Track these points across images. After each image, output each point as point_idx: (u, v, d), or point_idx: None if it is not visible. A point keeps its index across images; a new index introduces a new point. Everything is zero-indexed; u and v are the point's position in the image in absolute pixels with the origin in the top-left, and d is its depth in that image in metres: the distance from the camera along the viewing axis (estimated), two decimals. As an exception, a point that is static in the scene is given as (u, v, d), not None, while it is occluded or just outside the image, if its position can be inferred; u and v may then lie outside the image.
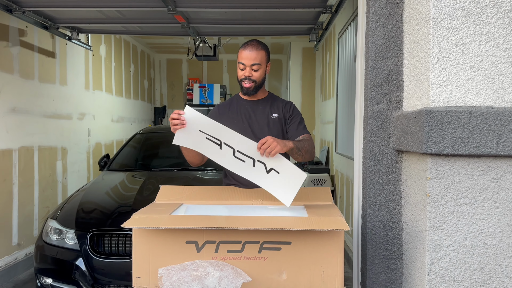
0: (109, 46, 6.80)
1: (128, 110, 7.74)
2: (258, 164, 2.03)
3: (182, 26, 4.41)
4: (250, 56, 2.22)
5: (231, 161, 2.04)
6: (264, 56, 2.27)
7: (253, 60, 2.22)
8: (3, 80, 4.12)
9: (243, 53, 2.24)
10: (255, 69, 2.24)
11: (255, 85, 2.28)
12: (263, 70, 2.28)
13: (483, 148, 1.71)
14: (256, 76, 2.26)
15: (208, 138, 2.02)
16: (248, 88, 2.28)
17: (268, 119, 2.35)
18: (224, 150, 2.03)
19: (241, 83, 2.29)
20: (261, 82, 2.31)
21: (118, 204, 3.53)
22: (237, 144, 2.02)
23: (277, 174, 2.03)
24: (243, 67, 2.24)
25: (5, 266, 4.14)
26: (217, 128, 2.01)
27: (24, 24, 4.42)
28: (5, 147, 4.18)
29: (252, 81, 2.26)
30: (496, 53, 1.75)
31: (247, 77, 2.25)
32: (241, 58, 2.25)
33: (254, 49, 2.23)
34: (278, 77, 9.26)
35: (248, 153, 2.02)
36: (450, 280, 1.80)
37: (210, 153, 2.06)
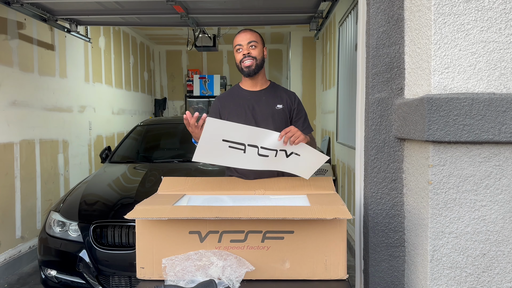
0: (108, 38, 6.77)
1: (128, 102, 7.73)
2: (280, 153, 2.05)
3: (181, 17, 4.38)
4: (245, 37, 2.26)
5: (255, 161, 2.04)
6: (259, 37, 2.31)
7: (249, 39, 2.26)
8: (2, 73, 4.11)
9: (238, 37, 2.28)
10: (253, 45, 2.26)
11: (256, 63, 2.27)
12: (260, 49, 2.29)
13: (485, 135, 1.71)
14: (255, 53, 2.26)
15: (232, 147, 1.98)
16: (249, 67, 2.27)
17: (272, 110, 2.34)
18: (248, 153, 2.01)
19: (241, 65, 2.28)
20: (261, 60, 2.30)
21: (120, 196, 3.55)
22: (261, 140, 2.00)
23: (298, 157, 2.07)
24: (240, 47, 2.26)
25: (9, 259, 4.17)
26: (240, 131, 1.98)
27: (22, 16, 4.40)
28: (6, 140, 4.18)
29: (252, 58, 2.26)
30: (498, 39, 1.74)
31: (247, 55, 2.25)
32: (237, 41, 2.28)
33: (248, 31, 2.30)
34: (278, 67, 9.22)
35: (271, 146, 2.01)
36: (453, 267, 1.81)
37: (233, 162, 2.04)
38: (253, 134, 1.99)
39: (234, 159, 2.02)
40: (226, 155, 2.00)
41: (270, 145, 2.02)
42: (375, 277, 2.14)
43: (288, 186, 2.22)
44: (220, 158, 2.02)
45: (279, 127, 2.33)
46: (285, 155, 2.06)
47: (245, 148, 2.00)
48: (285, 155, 2.06)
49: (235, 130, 1.97)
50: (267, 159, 2.04)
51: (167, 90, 9.56)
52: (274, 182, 2.27)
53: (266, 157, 2.03)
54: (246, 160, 2.03)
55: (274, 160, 2.06)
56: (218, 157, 2.02)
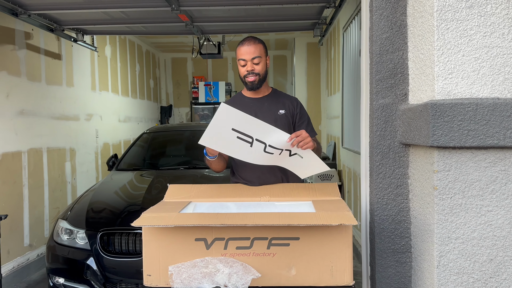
0: (114, 46, 6.84)
1: (134, 110, 7.79)
2: (284, 152, 2.06)
3: (186, 25, 4.42)
4: (249, 51, 2.25)
5: (259, 157, 2.05)
6: (263, 49, 2.30)
7: (252, 54, 2.25)
8: (11, 83, 4.17)
9: (242, 49, 2.27)
10: (256, 62, 2.26)
11: (259, 78, 2.30)
12: (264, 63, 2.30)
13: (490, 139, 1.71)
14: (258, 69, 2.28)
15: (239, 137, 1.98)
16: (252, 82, 2.29)
17: (275, 115, 2.36)
18: (255, 147, 2.01)
19: (245, 79, 2.30)
20: (264, 74, 2.33)
21: (127, 203, 3.56)
22: (270, 138, 2.00)
23: (300, 158, 2.09)
24: (244, 63, 2.27)
25: (18, 267, 4.20)
26: (252, 123, 1.97)
27: (30, 27, 4.46)
28: (14, 149, 4.23)
29: (255, 75, 2.28)
30: (502, 44, 1.74)
31: (250, 72, 2.26)
32: (241, 55, 2.27)
33: (251, 43, 2.26)
34: (283, 73, 9.25)
35: (279, 145, 2.02)
36: (460, 273, 1.80)
37: (238, 153, 2.05)
38: (264, 130, 1.98)
39: (239, 151, 2.02)
40: (232, 145, 2.00)
41: (278, 144, 2.02)
42: (382, 283, 2.13)
43: (294, 193, 2.22)
44: (225, 147, 2.02)
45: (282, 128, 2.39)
46: (288, 154, 2.08)
47: (253, 142, 1.99)
48: (288, 154, 2.08)
49: (246, 122, 1.95)
50: (271, 156, 2.06)
51: (172, 97, 9.61)
52: (279, 189, 2.27)
53: (271, 154, 2.05)
54: (251, 154, 2.03)
55: (277, 157, 2.09)
56: (224, 146, 2.02)
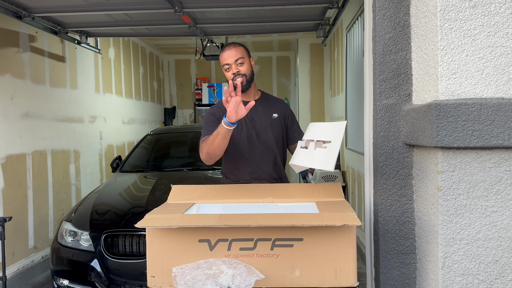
0: (118, 48, 6.86)
1: (138, 112, 7.80)
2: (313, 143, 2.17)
3: (189, 27, 4.43)
4: (231, 54, 2.31)
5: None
6: (244, 51, 2.36)
7: (234, 56, 2.31)
8: (15, 85, 4.19)
9: (224, 55, 2.34)
10: (240, 62, 2.32)
11: (246, 79, 2.34)
12: (248, 64, 2.35)
13: (495, 140, 1.70)
14: (243, 69, 2.33)
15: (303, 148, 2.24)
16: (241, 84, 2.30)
17: (270, 119, 2.43)
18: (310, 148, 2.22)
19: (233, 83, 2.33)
20: (250, 75, 2.37)
21: (131, 205, 3.57)
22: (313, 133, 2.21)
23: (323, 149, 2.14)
24: (229, 67, 2.33)
25: (23, 269, 4.22)
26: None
27: (33, 29, 4.48)
28: (19, 151, 4.25)
29: (242, 75, 2.32)
30: (506, 43, 1.73)
31: (236, 74, 2.31)
32: (224, 60, 2.33)
33: (232, 47, 2.34)
34: (286, 74, 9.24)
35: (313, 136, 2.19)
36: (465, 274, 1.79)
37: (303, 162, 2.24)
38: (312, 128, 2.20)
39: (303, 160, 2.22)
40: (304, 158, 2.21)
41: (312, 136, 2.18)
42: (386, 284, 2.12)
43: (297, 194, 2.22)
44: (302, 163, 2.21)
45: (277, 135, 2.47)
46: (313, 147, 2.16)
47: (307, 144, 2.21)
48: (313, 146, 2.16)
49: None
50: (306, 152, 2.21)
51: (176, 99, 9.63)
52: (282, 190, 2.27)
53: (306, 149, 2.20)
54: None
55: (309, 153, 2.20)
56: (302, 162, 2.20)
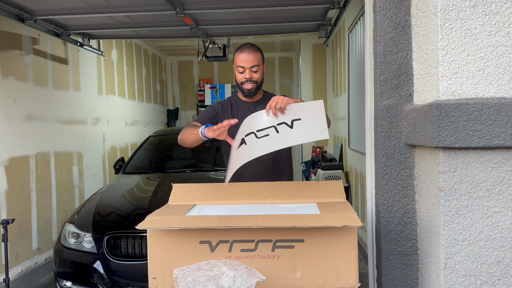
0: (120, 50, 6.88)
1: (141, 113, 7.82)
2: (281, 127, 2.00)
3: (191, 28, 4.44)
4: (249, 59, 2.30)
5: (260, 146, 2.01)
6: (261, 58, 2.36)
7: (252, 62, 2.30)
8: (18, 88, 4.21)
9: (241, 56, 2.31)
10: (255, 70, 2.32)
11: (256, 86, 2.35)
12: (261, 71, 2.36)
13: (496, 140, 1.69)
14: (256, 77, 2.33)
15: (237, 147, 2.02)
16: (250, 90, 2.35)
17: None
18: (249, 142, 2.01)
19: (242, 86, 2.36)
20: (261, 82, 2.38)
21: (133, 206, 3.58)
22: (253, 124, 1.99)
23: (300, 121, 2.00)
24: (243, 70, 2.32)
25: (26, 270, 4.23)
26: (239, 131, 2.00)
27: (36, 32, 4.50)
28: (22, 154, 4.26)
29: (253, 82, 2.33)
30: (507, 43, 1.72)
31: (248, 79, 2.32)
32: (240, 62, 2.31)
33: (251, 51, 2.31)
34: (289, 75, 9.24)
35: (266, 124, 1.99)
36: (467, 275, 1.78)
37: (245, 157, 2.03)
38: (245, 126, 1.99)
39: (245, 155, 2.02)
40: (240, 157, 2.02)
41: (264, 124, 1.99)
42: (388, 285, 2.11)
43: (299, 194, 2.21)
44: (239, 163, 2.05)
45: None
46: (289, 127, 2.00)
47: (244, 140, 2.00)
48: (288, 127, 2.00)
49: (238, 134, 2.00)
50: (270, 138, 2.00)
51: (179, 100, 9.65)
52: (284, 190, 2.26)
53: (267, 136, 2.00)
54: (253, 150, 2.01)
55: (279, 136, 2.01)
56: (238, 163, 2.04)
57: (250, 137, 2.00)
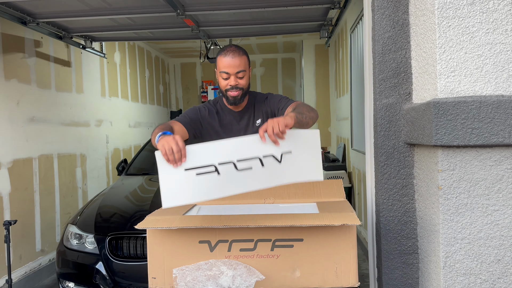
0: (123, 53, 6.91)
1: (144, 115, 7.85)
2: (267, 160, 1.63)
3: (192, 30, 4.45)
4: (234, 63, 2.07)
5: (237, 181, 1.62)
6: (247, 61, 2.14)
7: (237, 67, 2.08)
8: (21, 90, 4.24)
9: (225, 61, 2.08)
10: (241, 76, 2.10)
11: (242, 93, 2.12)
12: (247, 76, 2.14)
13: (495, 138, 1.68)
14: (242, 83, 2.11)
15: (200, 173, 1.61)
16: (235, 97, 2.12)
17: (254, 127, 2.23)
18: (224, 173, 1.61)
19: (227, 93, 2.12)
20: (247, 88, 2.16)
21: (136, 207, 3.59)
22: (234, 152, 1.63)
23: (291, 155, 1.65)
24: (227, 76, 2.09)
25: (30, 272, 4.25)
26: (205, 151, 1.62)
27: (39, 35, 4.53)
28: (25, 156, 4.29)
29: (239, 89, 2.10)
30: (505, 40, 1.72)
31: (234, 86, 2.09)
32: (224, 67, 2.08)
33: (236, 55, 2.08)
34: (291, 76, 9.24)
35: (250, 154, 1.63)
36: (467, 273, 1.77)
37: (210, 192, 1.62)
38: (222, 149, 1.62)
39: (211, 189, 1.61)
40: (198, 187, 1.60)
41: (248, 153, 1.62)
42: (389, 285, 2.11)
43: (298, 193, 2.21)
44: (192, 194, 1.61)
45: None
46: (277, 161, 1.65)
47: (217, 168, 1.60)
48: (276, 161, 1.65)
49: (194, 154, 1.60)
50: (252, 173, 1.63)
51: (182, 102, 9.67)
52: (284, 189, 2.26)
53: (250, 169, 1.62)
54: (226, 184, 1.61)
55: (265, 172, 1.64)
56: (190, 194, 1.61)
57: (227, 167, 1.61)
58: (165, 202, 1.59)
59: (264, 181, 1.65)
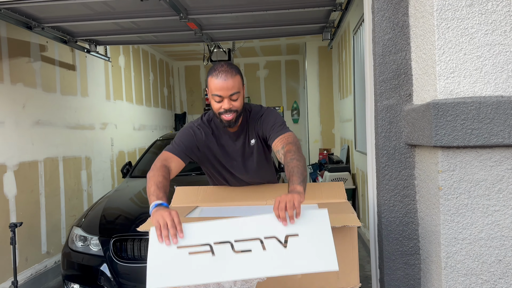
0: (127, 56, 6.96)
1: (149, 118, 7.89)
2: (269, 243, 1.48)
3: (195, 33, 4.48)
4: (227, 86, 1.92)
5: (234, 264, 1.46)
6: (240, 81, 1.98)
7: (231, 90, 1.93)
8: (27, 94, 4.28)
9: (217, 83, 1.92)
10: (235, 98, 1.96)
11: (237, 115, 2.00)
12: (242, 97, 2.00)
13: (495, 138, 1.69)
14: (237, 105, 1.97)
15: (193, 252, 1.47)
16: (229, 121, 1.99)
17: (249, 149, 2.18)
18: (219, 254, 1.47)
19: (220, 116, 1.99)
20: (242, 109, 2.03)
21: (140, 209, 3.61)
22: (233, 231, 1.50)
23: (297, 238, 1.48)
24: (220, 99, 1.94)
25: (36, 274, 4.29)
26: (201, 229, 1.52)
27: (44, 39, 4.58)
28: (31, 159, 4.33)
29: (233, 112, 1.97)
30: (504, 41, 1.72)
31: (228, 110, 1.96)
32: (216, 90, 1.93)
33: (229, 76, 1.92)
34: (295, 78, 9.25)
35: (250, 234, 1.49)
36: (468, 274, 1.77)
37: (201, 276, 1.45)
38: (221, 227, 1.50)
39: (203, 271, 1.45)
40: (189, 268, 1.45)
41: (248, 234, 1.48)
42: (391, 285, 2.11)
43: (300, 196, 2.22)
44: (181, 276, 1.44)
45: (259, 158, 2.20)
46: (281, 245, 1.46)
47: (212, 248, 1.47)
48: (280, 245, 1.47)
49: (190, 231, 1.50)
50: (252, 257, 1.46)
51: (186, 104, 9.71)
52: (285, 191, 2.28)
53: (248, 253, 1.46)
54: (220, 267, 1.45)
55: (267, 257, 1.46)
56: (179, 275, 1.44)
57: (223, 247, 1.48)
58: (150, 283, 1.42)
59: (266, 268, 1.45)
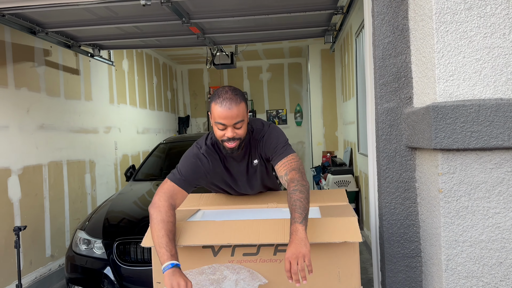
0: (131, 60, 7.00)
1: (152, 121, 7.92)
2: None
3: (198, 37, 4.50)
4: (231, 115, 1.84)
5: None
6: (245, 108, 1.91)
7: (234, 119, 1.86)
8: (31, 98, 4.32)
9: (221, 112, 1.84)
10: (239, 127, 1.89)
11: (240, 142, 1.94)
12: (246, 123, 1.94)
13: (494, 141, 1.69)
14: (240, 133, 1.91)
15: None
16: (233, 149, 1.93)
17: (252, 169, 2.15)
18: None
19: (223, 143, 1.94)
20: (245, 136, 1.96)
21: (143, 212, 3.63)
22: None
23: None
24: (223, 127, 1.88)
25: (40, 277, 4.31)
26: None
27: (48, 44, 4.62)
28: (35, 162, 4.36)
29: (236, 140, 1.91)
30: (503, 44, 1.73)
31: (231, 138, 1.90)
32: (219, 118, 1.86)
33: (233, 105, 1.85)
34: (298, 81, 9.27)
35: None
36: (469, 276, 1.77)
37: None
38: None
39: None
40: None
41: None
42: (392, 288, 2.12)
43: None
44: None
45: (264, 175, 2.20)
46: None
47: None
48: None
49: None
50: None
51: (190, 108, 9.74)
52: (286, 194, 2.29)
53: None
54: None
55: None
56: None
57: None
58: None
59: None
